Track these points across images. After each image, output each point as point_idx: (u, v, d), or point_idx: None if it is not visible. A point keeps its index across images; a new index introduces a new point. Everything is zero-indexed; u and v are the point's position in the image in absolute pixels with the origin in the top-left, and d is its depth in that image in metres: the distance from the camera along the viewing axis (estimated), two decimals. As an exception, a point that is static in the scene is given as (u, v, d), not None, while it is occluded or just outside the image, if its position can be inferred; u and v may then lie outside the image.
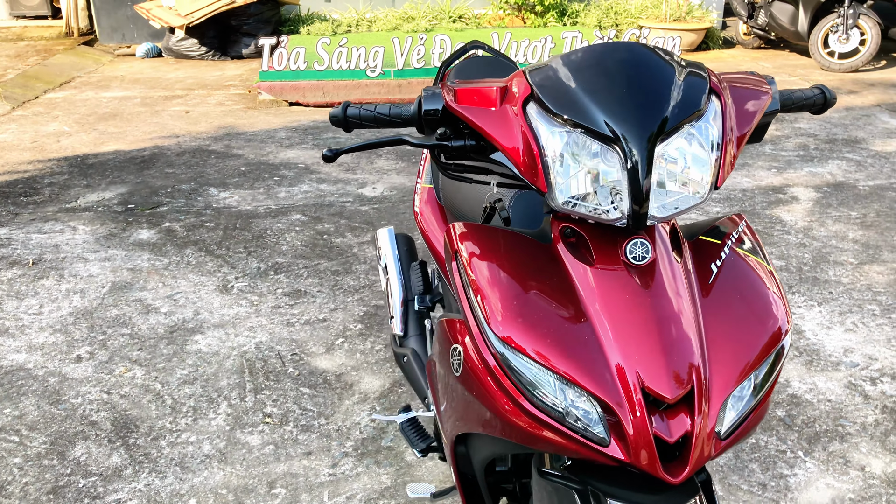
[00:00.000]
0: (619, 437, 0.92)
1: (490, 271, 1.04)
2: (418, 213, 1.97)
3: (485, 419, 1.07)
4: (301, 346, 2.78)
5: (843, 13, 7.25)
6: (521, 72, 1.07)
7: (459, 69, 2.11)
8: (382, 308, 3.03)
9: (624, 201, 0.95)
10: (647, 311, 0.95)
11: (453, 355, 1.11)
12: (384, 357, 2.70)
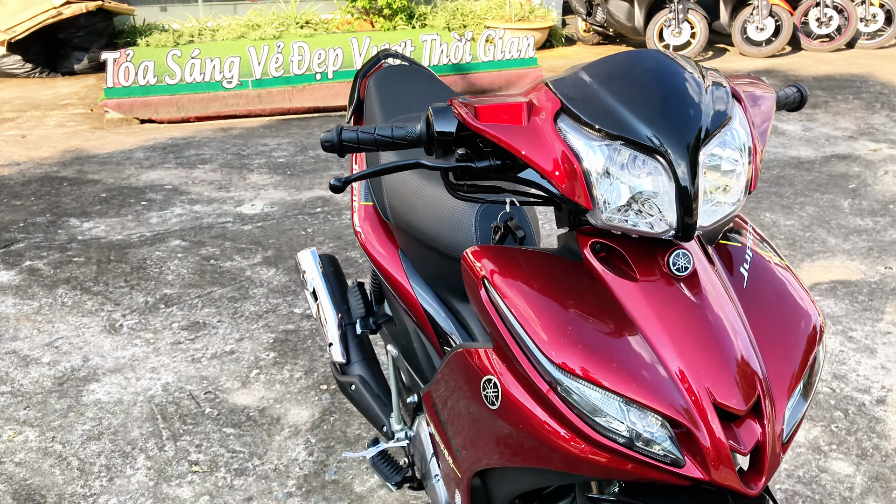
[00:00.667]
0: (692, 455, 0.89)
1: (528, 296, 0.98)
2: (360, 233, 1.87)
3: (526, 451, 1.01)
4: (213, 382, 2.58)
5: (674, 8, 7.74)
6: (541, 84, 1.02)
7: (379, 80, 2.03)
8: (293, 333, 2.88)
9: (670, 213, 0.92)
10: (702, 322, 0.93)
11: (486, 388, 1.04)
12: (307, 385, 2.57)
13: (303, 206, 4.10)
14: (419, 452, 1.62)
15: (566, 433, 0.94)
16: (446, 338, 1.60)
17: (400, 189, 1.69)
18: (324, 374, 2.62)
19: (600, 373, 0.90)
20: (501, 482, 1.17)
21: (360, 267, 3.36)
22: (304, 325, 2.93)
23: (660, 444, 0.89)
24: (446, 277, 1.60)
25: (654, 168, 0.91)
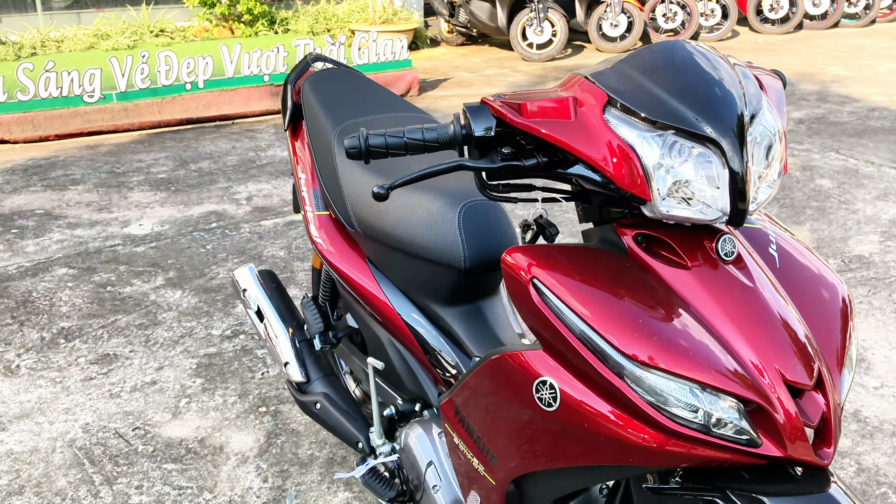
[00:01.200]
0: (766, 433, 0.91)
1: (583, 291, 0.96)
2: (320, 244, 1.78)
3: (586, 450, 0.99)
4: (140, 417, 2.40)
5: (535, 8, 7.98)
6: (579, 78, 1.01)
7: (314, 84, 1.95)
8: (217, 356, 2.72)
9: (722, 199, 0.93)
10: (758, 303, 0.95)
11: (540, 390, 1.01)
12: (244, 409, 2.43)
13: (196, 223, 3.89)
14: (411, 464, 1.57)
15: (638, 425, 0.93)
16: (429, 347, 1.57)
17: (365, 196, 1.63)
18: (260, 395, 2.50)
19: (671, 361, 0.90)
20: (542, 485, 1.15)
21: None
22: (227, 346, 2.78)
23: (736, 424, 0.90)
24: (426, 283, 1.57)
25: (707, 155, 0.92)
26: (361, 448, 1.77)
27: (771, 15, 9.59)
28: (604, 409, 0.95)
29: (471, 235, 1.47)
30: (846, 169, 4.55)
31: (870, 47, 8.53)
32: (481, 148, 1.03)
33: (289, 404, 2.45)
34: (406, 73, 6.59)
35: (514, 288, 1.04)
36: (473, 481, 1.26)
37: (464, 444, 1.26)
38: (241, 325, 2.93)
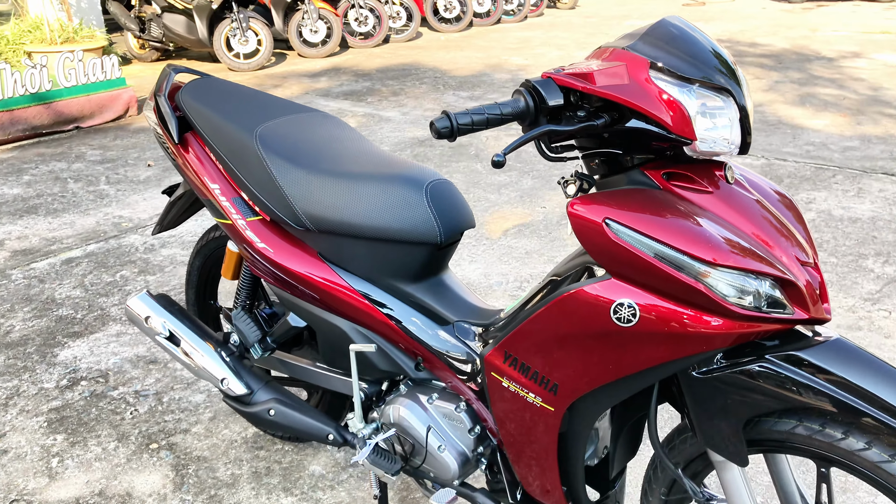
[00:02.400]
0: (794, 302, 1.21)
1: (648, 220, 1.19)
2: (264, 248, 1.76)
3: (663, 350, 1.21)
4: (11, 489, 2.12)
5: (237, 18, 7.91)
6: (614, 50, 1.22)
7: (193, 94, 1.92)
8: (67, 408, 2.47)
9: (734, 135, 1.22)
10: (766, 210, 1.26)
11: (619, 310, 1.21)
12: (132, 451, 2.27)
13: (-51, 278, 3.38)
14: (408, 434, 1.67)
15: (709, 316, 1.18)
16: (403, 323, 1.67)
17: (315, 193, 1.68)
18: (142, 434, 2.34)
19: (730, 259, 1.17)
20: (596, 401, 1.36)
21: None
22: (71, 396, 2.53)
23: (774, 298, 1.19)
24: (396, 264, 1.67)
25: (726, 102, 1.20)
26: (333, 439, 1.81)
27: (446, 15, 10.53)
28: (679, 310, 1.19)
29: (440, 212, 1.61)
30: (567, 141, 5.30)
31: (533, 39, 9.79)
32: (551, 116, 1.20)
33: (179, 435, 2.33)
34: (122, 92, 6.18)
35: (587, 231, 1.23)
36: (527, 415, 1.43)
37: (516, 384, 1.41)
38: (75, 371, 2.67)
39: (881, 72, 7.26)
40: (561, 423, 1.40)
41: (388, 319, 1.68)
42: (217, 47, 8.01)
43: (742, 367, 1.25)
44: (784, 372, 1.21)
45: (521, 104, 1.20)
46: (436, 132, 1.18)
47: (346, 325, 1.75)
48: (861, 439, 1.22)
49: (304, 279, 1.74)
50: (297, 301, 1.81)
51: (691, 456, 1.43)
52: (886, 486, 1.22)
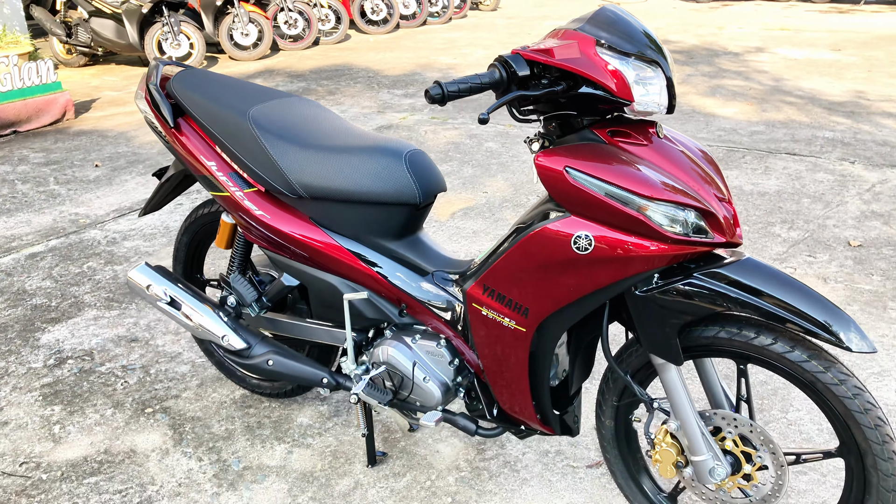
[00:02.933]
0: (714, 229, 1.52)
1: (599, 167, 1.49)
2: (262, 216, 2.00)
3: (606, 271, 1.52)
4: (18, 454, 2.28)
5: (168, 22, 7.97)
6: (565, 31, 1.52)
7: (184, 82, 2.13)
8: (60, 382, 2.63)
9: (663, 97, 1.53)
10: (691, 158, 1.57)
11: (577, 241, 1.51)
12: (129, 416, 2.45)
13: (-87, 276, 3.45)
14: (396, 370, 1.94)
15: (649, 242, 1.49)
16: (388, 276, 1.94)
17: (307, 164, 1.93)
18: (136, 401, 2.53)
19: (665, 194, 1.48)
20: (559, 320, 1.65)
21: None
22: (61, 373, 2.69)
23: (698, 225, 1.50)
24: (380, 224, 1.93)
25: (655, 71, 1.51)
26: (327, 382, 2.06)
27: (373, 17, 10.77)
28: (627, 238, 1.50)
29: (418, 176, 1.88)
30: (501, 133, 5.63)
31: (459, 39, 10.13)
32: (520, 84, 1.49)
33: (171, 400, 2.53)
34: (58, 96, 6.21)
35: (550, 178, 1.52)
36: (502, 338, 1.71)
37: (494, 312, 1.70)
38: (60, 352, 2.83)
39: (782, 64, 7.87)
40: (530, 344, 1.69)
41: (374, 272, 1.94)
42: (149, 51, 8.05)
43: (674, 284, 1.56)
44: (707, 285, 1.53)
45: (496, 75, 1.49)
46: (429, 98, 1.46)
47: (337, 281, 2.01)
48: (769, 336, 1.55)
49: (299, 241, 1.98)
50: (290, 262, 2.06)
51: (637, 366, 1.75)
52: (790, 372, 1.55)
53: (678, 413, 1.67)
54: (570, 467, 2.18)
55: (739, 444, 1.66)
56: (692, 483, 1.74)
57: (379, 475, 2.17)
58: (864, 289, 3.15)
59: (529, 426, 1.87)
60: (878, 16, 11.52)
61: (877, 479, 1.53)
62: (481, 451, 2.25)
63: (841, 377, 1.51)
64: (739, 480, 1.69)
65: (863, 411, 1.50)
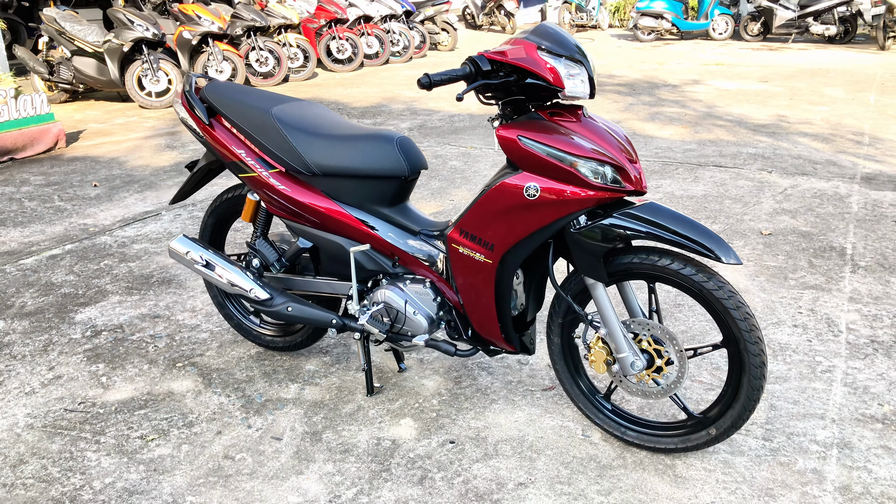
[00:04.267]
0: (627, 181, 2.11)
1: (544, 135, 2.07)
2: (285, 190, 2.54)
3: (547, 213, 2.10)
4: (73, 398, 2.75)
5: (147, 59, 8.50)
6: (518, 39, 2.11)
7: (217, 89, 2.68)
8: (98, 348, 3.11)
9: (586, 88, 2.12)
10: (609, 130, 2.16)
11: (528, 190, 2.09)
12: (163, 370, 2.94)
13: (-53, 274, 3.89)
14: (391, 308, 2.48)
15: (580, 189, 2.07)
16: (382, 235, 2.49)
17: (320, 148, 2.49)
18: (167, 359, 3.02)
19: (590, 153, 2.06)
20: (513, 255, 2.22)
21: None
22: (99, 341, 3.17)
23: (615, 177, 2.09)
24: (376, 193, 2.49)
25: (580, 68, 2.11)
26: (336, 322, 2.60)
27: (339, 56, 11.43)
28: (563, 187, 2.08)
29: (406, 156, 2.45)
30: (463, 153, 6.25)
31: (418, 75, 10.81)
32: (484, 76, 2.08)
33: (197, 357, 3.03)
34: (51, 126, 6.67)
35: (507, 144, 2.10)
36: (475, 270, 2.27)
37: (468, 249, 2.26)
38: (94, 326, 3.30)
39: (715, 94, 8.69)
40: (496, 273, 2.26)
41: (373, 232, 2.50)
42: (129, 87, 8.55)
43: (598, 222, 2.15)
44: (621, 222, 2.12)
45: (467, 69, 2.08)
46: (420, 85, 2.03)
47: (343, 241, 2.55)
48: (668, 259, 2.14)
49: (313, 209, 2.53)
50: (304, 228, 2.60)
51: (576, 291, 2.32)
52: (683, 284, 2.14)
53: (606, 322, 2.25)
54: (528, 391, 2.73)
55: (652, 343, 2.24)
56: (620, 378, 2.31)
57: (376, 401, 2.69)
58: (771, 265, 3.79)
59: (496, 345, 2.42)
60: (803, 52, 12.55)
61: (748, 359, 2.12)
62: (458, 382, 2.79)
63: (720, 284, 2.11)
64: (653, 374, 2.26)
65: (735, 308, 2.09)
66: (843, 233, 4.21)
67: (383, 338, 2.52)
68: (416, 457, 2.39)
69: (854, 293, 3.45)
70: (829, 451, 2.36)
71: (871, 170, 5.46)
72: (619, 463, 2.34)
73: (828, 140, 6.39)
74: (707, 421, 2.26)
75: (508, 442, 2.45)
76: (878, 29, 12.70)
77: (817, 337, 3.06)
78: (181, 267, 3.95)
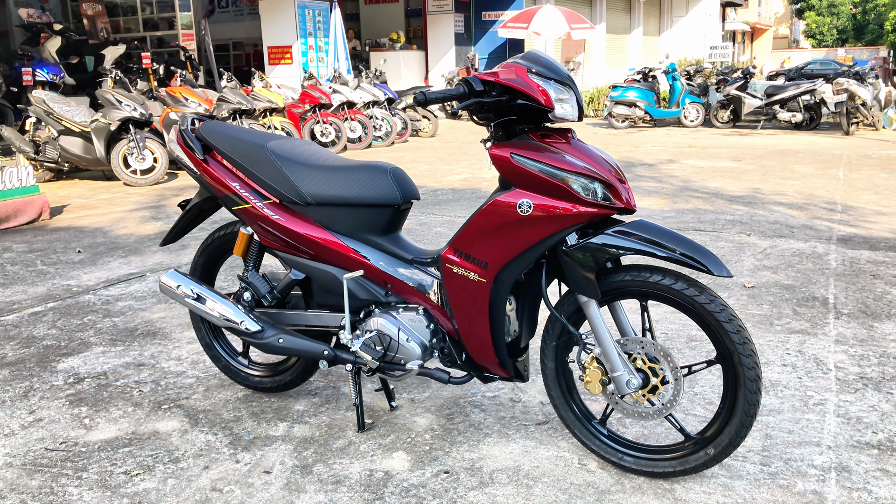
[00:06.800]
0: (617, 199, 2.16)
1: (535, 154, 2.13)
2: (279, 220, 2.55)
3: (540, 230, 2.13)
4: (55, 438, 2.67)
5: (134, 139, 8.63)
6: (508, 63, 2.19)
7: (212, 127, 2.74)
8: (82, 393, 3.04)
9: (574, 109, 2.20)
10: (598, 152, 2.23)
11: (521, 207, 2.13)
12: (148, 412, 2.87)
13: (-75, 330, 3.82)
14: (384, 335, 2.46)
15: (571, 205, 2.12)
16: (375, 264, 2.51)
17: (311, 176, 2.53)
18: (152, 402, 2.95)
19: (580, 169, 2.11)
20: (508, 273, 2.23)
21: (77, 343, 3.52)
22: (82, 387, 3.10)
23: (604, 194, 2.14)
24: (370, 223, 2.52)
25: (569, 92, 2.19)
26: (327, 354, 2.57)
27: (322, 139, 11.66)
28: (556, 203, 2.12)
29: (399, 185, 2.50)
30: (447, 221, 6.33)
31: (402, 157, 11.05)
32: (477, 95, 2.15)
33: (183, 400, 2.97)
34: (36, 198, 6.69)
35: (500, 161, 2.16)
36: (469, 290, 2.27)
37: (463, 269, 2.27)
38: (77, 374, 3.24)
39: (690, 171, 8.94)
40: (490, 292, 2.27)
41: (366, 261, 2.51)
42: (115, 164, 8.63)
43: (590, 239, 2.19)
44: (613, 238, 2.16)
45: (461, 89, 2.15)
46: (415, 101, 2.10)
47: (336, 270, 2.56)
48: (659, 275, 2.17)
49: (307, 238, 2.55)
50: (298, 259, 2.61)
51: (570, 312, 2.33)
52: (675, 300, 2.17)
53: (600, 341, 2.25)
54: (522, 425, 2.69)
55: (647, 361, 2.24)
56: (615, 400, 2.30)
57: (368, 436, 2.64)
58: (756, 313, 3.83)
59: (490, 370, 2.41)
60: (772, 137, 13.01)
61: (743, 372, 2.12)
62: (450, 418, 2.75)
63: (711, 298, 2.14)
64: (648, 394, 2.25)
65: (728, 321, 2.12)
66: (825, 285, 4.28)
67: (376, 365, 2.50)
68: (410, 486, 2.33)
69: (840, 336, 3.49)
70: (827, 475, 2.34)
71: (846, 233, 5.60)
72: (617, 488, 2.29)
73: (802, 208, 6.56)
74: (704, 441, 2.24)
75: (504, 471, 2.40)
76: (841, 115, 13.24)
77: (807, 374, 3.07)
78: (166, 320, 3.91)
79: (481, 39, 19.92)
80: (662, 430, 2.62)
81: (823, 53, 40.14)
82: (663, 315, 3.72)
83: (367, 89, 12.82)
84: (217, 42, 17.22)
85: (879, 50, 40.26)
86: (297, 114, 11.75)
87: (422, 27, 19.77)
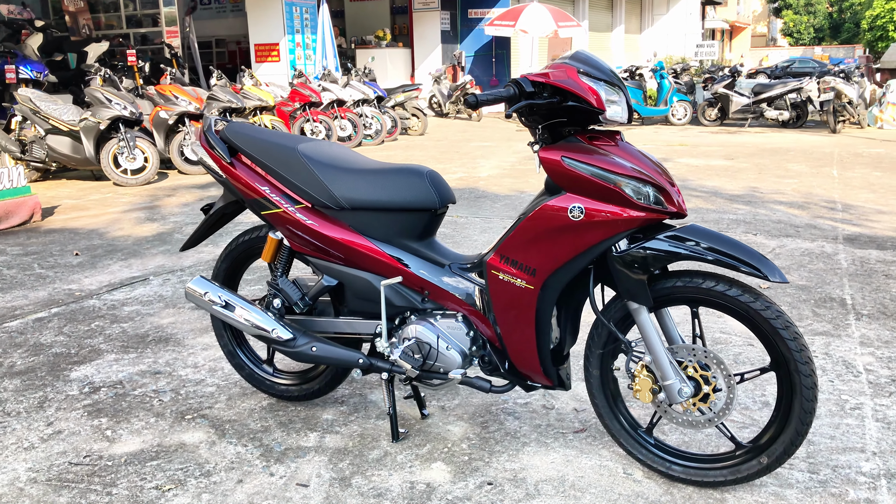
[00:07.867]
0: (669, 203, 2.11)
1: (586, 156, 2.07)
2: (312, 225, 2.47)
3: (592, 234, 2.07)
4: (78, 451, 2.58)
5: (124, 138, 8.47)
6: (560, 63, 2.13)
7: (237, 128, 2.66)
8: (99, 403, 2.94)
9: (624, 113, 2.15)
10: (646, 155, 2.18)
11: (572, 212, 2.07)
12: (171, 423, 2.78)
13: (-74, 337, 3.69)
14: (423, 343, 2.39)
15: (624, 209, 2.06)
16: (412, 269, 2.44)
17: (345, 180, 2.45)
18: (175, 412, 2.86)
19: (633, 172, 2.06)
20: (556, 280, 2.17)
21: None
22: (100, 397, 3.00)
23: (657, 198, 2.08)
24: (406, 227, 2.45)
25: (619, 94, 2.14)
26: (362, 363, 2.50)
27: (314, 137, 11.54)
28: (609, 207, 2.07)
29: (436, 188, 2.43)
30: (450, 221, 6.26)
31: (394, 156, 10.96)
32: (528, 97, 2.09)
33: (206, 410, 2.88)
34: (27, 199, 6.54)
35: (550, 165, 2.09)
36: (515, 297, 2.21)
37: (509, 275, 2.21)
38: (91, 383, 3.14)
39: (685, 169, 8.94)
40: (537, 299, 2.21)
41: (403, 267, 2.44)
42: (105, 164, 8.47)
43: (642, 244, 2.13)
44: (665, 243, 2.11)
45: (511, 91, 2.09)
46: (467, 104, 2.03)
47: (371, 276, 2.49)
48: (712, 281, 2.12)
49: (341, 243, 2.47)
50: (329, 265, 2.54)
51: (618, 318, 2.28)
52: (729, 306, 2.12)
53: (651, 348, 2.20)
54: (560, 433, 2.64)
55: (698, 369, 2.19)
56: (665, 408, 2.25)
57: (403, 446, 2.57)
58: (776, 315, 3.80)
59: (533, 379, 2.35)
60: (760, 135, 13.08)
61: (799, 380, 2.08)
62: (485, 426, 2.69)
63: (767, 304, 2.09)
64: (699, 402, 2.21)
65: (784, 328, 2.07)
66: (840, 286, 4.27)
67: (415, 374, 2.43)
68: (454, 499, 2.27)
69: (864, 338, 3.47)
70: (877, 482, 2.31)
71: (851, 232, 5.61)
72: (667, 499, 2.24)
73: (803, 207, 6.57)
74: (757, 449, 2.20)
75: (549, 482, 2.34)
76: (828, 114, 13.34)
77: (838, 377, 3.05)
78: (177, 325, 3.81)
79: (468, 37, 19.87)
80: (702, 436, 2.58)
81: (801, 52, 40.56)
82: (685, 318, 3.69)
83: (356, 87, 12.72)
84: (200, 39, 17.00)
85: (855, 48, 40.68)
86: (287, 112, 11.62)
87: (407, 24, 19.68)
